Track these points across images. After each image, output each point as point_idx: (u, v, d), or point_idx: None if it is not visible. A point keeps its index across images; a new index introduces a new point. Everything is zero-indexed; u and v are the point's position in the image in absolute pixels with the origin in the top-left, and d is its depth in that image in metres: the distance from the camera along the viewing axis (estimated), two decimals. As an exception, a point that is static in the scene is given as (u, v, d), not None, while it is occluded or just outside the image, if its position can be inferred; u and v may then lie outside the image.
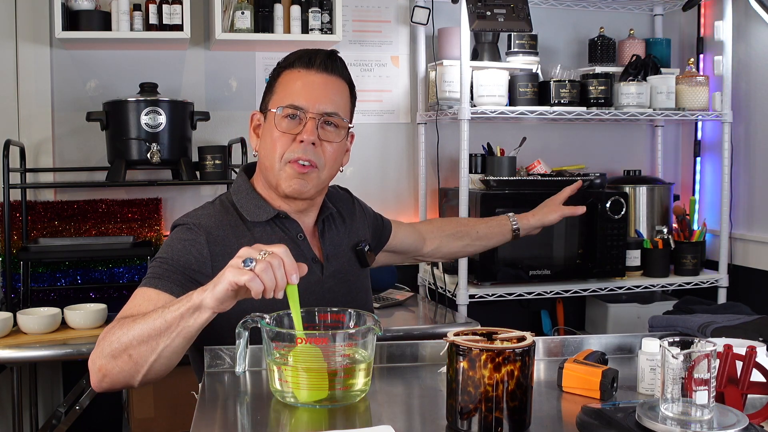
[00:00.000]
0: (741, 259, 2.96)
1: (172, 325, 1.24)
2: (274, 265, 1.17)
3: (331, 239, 1.63)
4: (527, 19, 2.59)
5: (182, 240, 1.48)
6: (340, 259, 1.63)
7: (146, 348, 1.26)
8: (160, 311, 1.26)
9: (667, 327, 1.65)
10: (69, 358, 2.28)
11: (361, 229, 1.73)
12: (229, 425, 1.16)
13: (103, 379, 1.31)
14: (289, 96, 1.52)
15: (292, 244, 1.55)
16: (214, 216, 1.54)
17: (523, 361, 1.07)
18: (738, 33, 2.90)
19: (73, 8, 2.51)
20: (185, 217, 1.54)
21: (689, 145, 3.25)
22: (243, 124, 2.88)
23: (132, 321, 1.29)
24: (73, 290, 2.64)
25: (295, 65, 1.55)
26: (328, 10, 2.68)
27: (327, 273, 1.59)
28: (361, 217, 1.77)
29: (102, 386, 1.32)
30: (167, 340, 1.25)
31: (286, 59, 1.58)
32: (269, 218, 1.55)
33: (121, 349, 1.28)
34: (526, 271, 2.69)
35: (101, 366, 1.30)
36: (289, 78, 1.55)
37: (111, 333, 1.31)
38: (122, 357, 1.28)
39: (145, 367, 1.28)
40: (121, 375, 1.29)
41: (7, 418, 2.67)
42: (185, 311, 1.23)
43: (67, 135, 2.73)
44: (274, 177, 1.53)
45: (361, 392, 1.22)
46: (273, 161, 1.52)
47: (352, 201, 1.78)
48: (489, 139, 2.95)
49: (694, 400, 0.98)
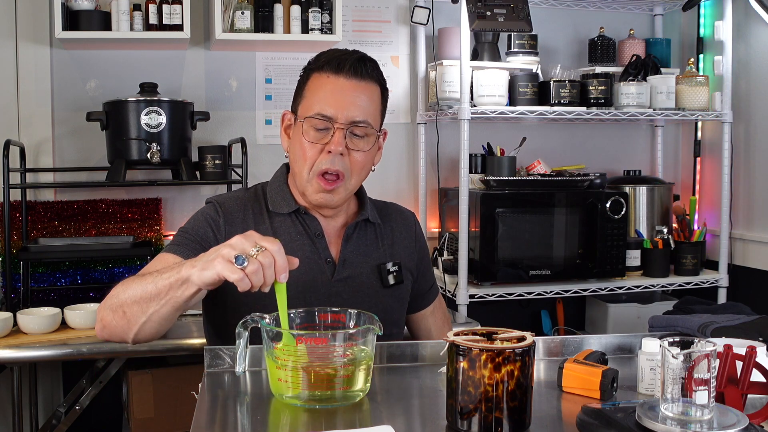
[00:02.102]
0: (741, 259, 2.96)
1: (161, 293, 1.30)
2: (264, 265, 1.20)
3: (354, 245, 1.61)
4: (527, 19, 2.59)
5: (205, 215, 1.58)
6: (359, 268, 1.60)
7: (138, 309, 1.34)
8: (155, 275, 1.32)
9: (667, 327, 1.64)
10: (69, 358, 2.29)
11: (399, 254, 1.67)
12: (229, 425, 1.16)
13: (103, 329, 1.41)
14: (317, 103, 1.51)
15: (308, 240, 1.57)
16: (241, 199, 1.61)
17: (523, 361, 1.07)
18: (738, 33, 2.90)
19: (73, 8, 2.51)
20: (216, 197, 1.63)
21: (689, 145, 3.25)
22: (243, 124, 2.88)
23: (134, 279, 1.37)
24: (73, 290, 2.64)
25: (325, 69, 1.53)
26: (328, 10, 2.68)
27: (337, 277, 1.57)
28: (410, 246, 1.71)
29: (102, 335, 1.42)
30: (156, 305, 1.31)
31: (317, 60, 1.56)
32: (290, 211, 1.57)
33: (118, 304, 1.36)
34: (526, 271, 2.69)
35: (102, 316, 1.40)
36: (318, 83, 1.53)
37: (117, 287, 1.39)
38: (118, 312, 1.36)
39: (137, 326, 1.35)
40: (117, 329, 1.38)
41: (7, 418, 2.67)
42: (174, 282, 1.28)
43: (67, 135, 2.73)
44: (302, 185, 1.56)
45: (361, 392, 1.22)
46: (302, 170, 1.54)
47: (412, 226, 1.74)
48: (489, 139, 2.95)
49: (694, 400, 0.98)
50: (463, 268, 2.62)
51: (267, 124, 2.91)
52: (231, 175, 2.63)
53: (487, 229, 2.61)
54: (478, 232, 2.61)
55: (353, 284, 1.59)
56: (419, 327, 1.79)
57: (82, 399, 2.41)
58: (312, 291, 1.53)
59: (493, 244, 2.62)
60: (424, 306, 1.78)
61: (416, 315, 1.78)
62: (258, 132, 2.90)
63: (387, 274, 1.62)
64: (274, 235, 1.55)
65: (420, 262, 1.73)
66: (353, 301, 1.55)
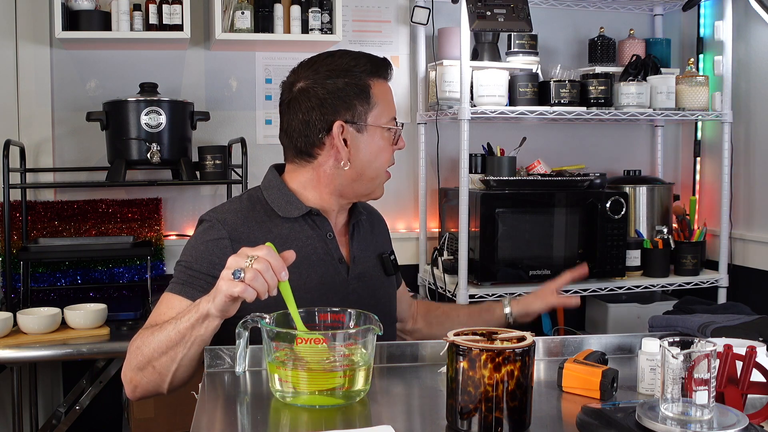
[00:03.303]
0: (741, 259, 2.95)
1: (186, 335, 1.32)
2: (262, 270, 1.22)
3: (359, 242, 1.65)
4: (527, 19, 2.59)
5: (205, 241, 1.50)
6: (366, 263, 1.65)
7: (166, 359, 1.35)
8: (174, 322, 1.34)
9: (667, 327, 1.64)
10: (69, 358, 2.29)
11: (385, 243, 1.77)
12: (229, 425, 1.16)
13: (135, 389, 1.41)
14: (390, 109, 1.58)
15: (320, 242, 1.57)
16: (241, 212, 1.55)
17: (523, 361, 1.07)
18: (738, 33, 2.90)
19: (73, 8, 2.51)
20: (211, 212, 1.56)
21: (689, 145, 3.25)
22: (243, 124, 2.88)
23: (152, 333, 1.37)
24: (73, 290, 2.64)
25: (380, 74, 1.58)
26: (328, 10, 2.68)
27: (352, 275, 1.60)
28: (385, 234, 1.80)
29: (136, 395, 1.42)
30: (184, 349, 1.33)
31: (371, 63, 1.57)
32: (301, 215, 1.56)
33: (145, 361, 1.37)
34: (526, 271, 2.69)
35: (131, 378, 1.40)
36: (382, 90, 1.58)
37: (136, 345, 1.39)
38: (147, 369, 1.37)
39: (169, 376, 1.37)
40: (150, 385, 1.39)
41: (7, 418, 2.67)
42: (195, 321, 1.30)
43: (67, 135, 2.73)
44: (372, 186, 1.59)
45: (361, 392, 1.22)
46: (379, 171, 1.58)
47: (379, 216, 1.82)
48: (489, 139, 2.95)
49: (694, 400, 0.98)
50: (463, 268, 2.61)
51: (267, 124, 2.91)
52: (231, 175, 2.63)
53: (487, 229, 2.61)
54: (478, 232, 2.61)
55: (366, 280, 1.63)
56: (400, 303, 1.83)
57: (82, 399, 2.41)
58: (333, 293, 1.54)
59: (493, 244, 2.62)
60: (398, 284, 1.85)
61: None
62: (258, 132, 2.90)
63: (387, 262, 1.69)
64: (286, 240, 1.53)
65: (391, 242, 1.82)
66: (369, 296, 1.61)
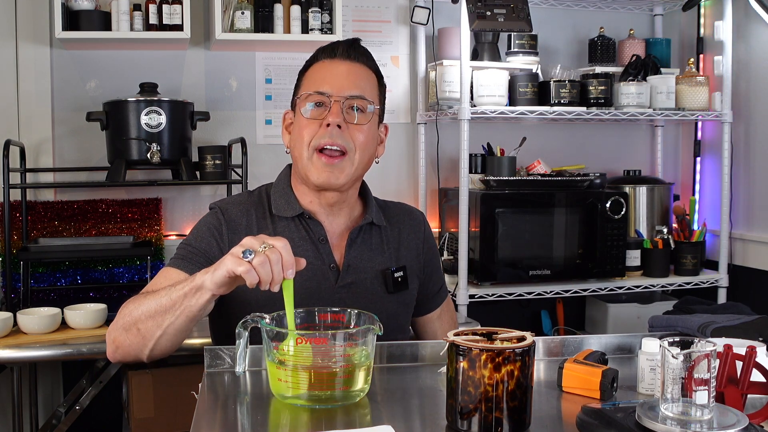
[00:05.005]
0: (741, 259, 2.96)
1: (176, 303, 1.31)
2: (272, 260, 1.21)
3: (359, 250, 1.57)
4: (527, 19, 2.59)
5: (207, 224, 1.56)
6: (363, 273, 1.56)
7: (153, 323, 1.34)
8: (168, 289, 1.34)
9: (667, 327, 1.64)
10: (69, 358, 2.29)
11: (405, 258, 1.64)
12: (229, 425, 1.16)
13: (116, 350, 1.40)
14: (314, 84, 1.53)
15: (312, 245, 1.54)
16: (244, 204, 1.59)
17: (523, 361, 1.07)
18: (738, 33, 2.90)
19: (73, 8, 2.51)
20: (219, 201, 1.61)
21: (689, 145, 3.25)
22: (243, 124, 2.88)
23: (145, 297, 1.37)
24: (73, 290, 2.64)
25: (320, 57, 1.57)
26: (328, 10, 2.68)
27: (341, 283, 1.54)
28: (417, 248, 1.67)
29: (115, 357, 1.42)
30: (171, 317, 1.32)
31: (312, 56, 1.60)
32: (294, 215, 1.55)
33: (131, 322, 1.37)
34: (526, 271, 2.69)
35: (115, 338, 1.40)
36: (314, 70, 1.56)
37: (127, 306, 1.39)
38: (132, 330, 1.37)
39: (152, 341, 1.36)
40: (131, 348, 1.38)
41: (7, 418, 2.67)
42: (188, 291, 1.30)
43: (67, 135, 2.73)
44: (304, 167, 1.52)
45: (361, 392, 1.22)
46: (302, 150, 1.51)
47: (420, 226, 1.69)
48: (489, 139, 2.95)
49: (694, 400, 0.98)
50: (463, 268, 2.62)
51: (267, 124, 2.91)
52: (231, 175, 2.63)
53: (487, 229, 2.61)
54: (478, 232, 2.61)
55: (357, 290, 1.55)
56: (425, 331, 1.75)
57: (82, 399, 2.41)
58: (316, 298, 1.50)
59: (493, 244, 2.62)
60: (432, 309, 1.74)
61: (423, 318, 1.74)
62: (258, 132, 2.90)
63: (392, 279, 1.58)
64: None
65: (427, 264, 1.69)
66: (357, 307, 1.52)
